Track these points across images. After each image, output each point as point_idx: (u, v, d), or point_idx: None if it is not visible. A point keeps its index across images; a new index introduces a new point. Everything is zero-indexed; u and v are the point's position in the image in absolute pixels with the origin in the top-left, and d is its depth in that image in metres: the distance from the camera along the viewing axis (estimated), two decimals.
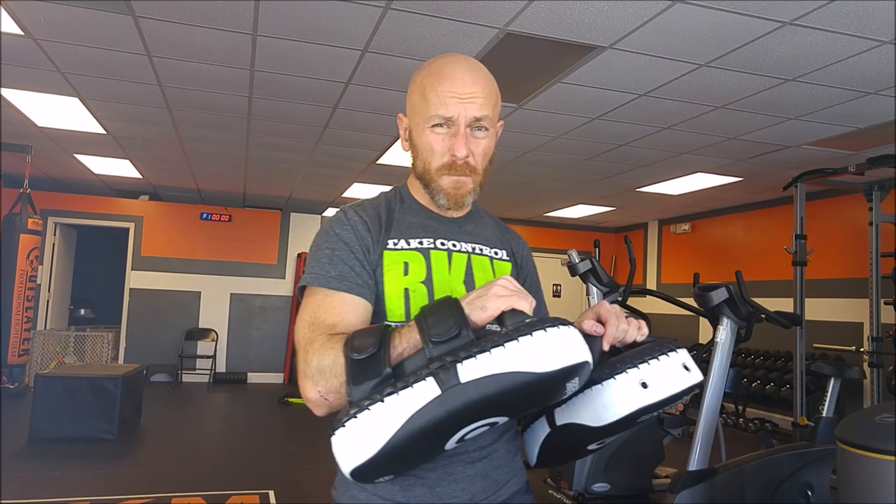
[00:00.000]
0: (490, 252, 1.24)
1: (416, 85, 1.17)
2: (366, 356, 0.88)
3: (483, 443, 1.12)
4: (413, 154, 1.19)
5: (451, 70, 1.13)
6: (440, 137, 1.13)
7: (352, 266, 1.10)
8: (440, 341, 0.86)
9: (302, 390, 0.99)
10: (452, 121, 1.11)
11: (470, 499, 1.09)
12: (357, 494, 1.08)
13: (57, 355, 7.86)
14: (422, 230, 1.18)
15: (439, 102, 1.10)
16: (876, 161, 4.51)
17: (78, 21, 3.22)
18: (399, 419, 0.82)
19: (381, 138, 5.24)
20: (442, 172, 1.14)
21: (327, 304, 1.06)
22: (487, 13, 2.93)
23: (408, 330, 0.92)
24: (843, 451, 2.11)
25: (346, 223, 1.14)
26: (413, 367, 0.87)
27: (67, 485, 4.11)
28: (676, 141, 4.89)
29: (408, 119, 1.21)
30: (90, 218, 8.76)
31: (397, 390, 0.83)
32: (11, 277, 6.07)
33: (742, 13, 2.80)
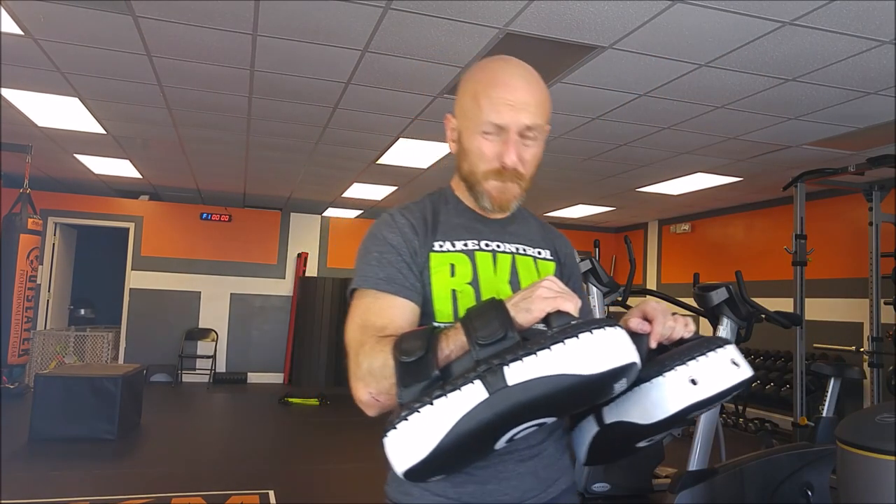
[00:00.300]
0: (534, 252, 1.25)
1: (469, 87, 1.16)
2: (414, 359, 0.90)
3: (533, 441, 1.13)
4: (460, 156, 1.19)
5: (505, 76, 1.13)
6: (490, 143, 1.13)
7: (399, 269, 1.12)
8: (486, 343, 0.87)
9: (353, 392, 1.01)
10: (504, 128, 1.11)
11: (520, 497, 1.11)
12: (410, 490, 1.10)
13: (57, 355, 7.86)
14: (466, 232, 1.19)
15: (492, 109, 1.10)
16: (876, 161, 4.52)
17: (78, 21, 3.22)
18: (448, 422, 0.83)
19: (381, 138, 5.24)
20: (489, 176, 1.14)
21: (377, 307, 1.08)
22: (487, 13, 2.93)
23: (454, 332, 0.93)
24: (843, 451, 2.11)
25: (393, 226, 1.17)
26: (460, 369, 0.88)
27: (67, 485, 4.11)
28: (676, 141, 4.89)
29: (457, 121, 1.19)
30: (90, 218, 8.76)
31: (446, 393, 0.84)
32: (11, 277, 6.07)
33: (742, 13, 2.80)
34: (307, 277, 9.28)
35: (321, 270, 9.50)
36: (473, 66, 1.19)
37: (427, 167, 6.20)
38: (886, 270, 5.00)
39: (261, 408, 7.44)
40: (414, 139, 5.20)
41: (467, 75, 1.19)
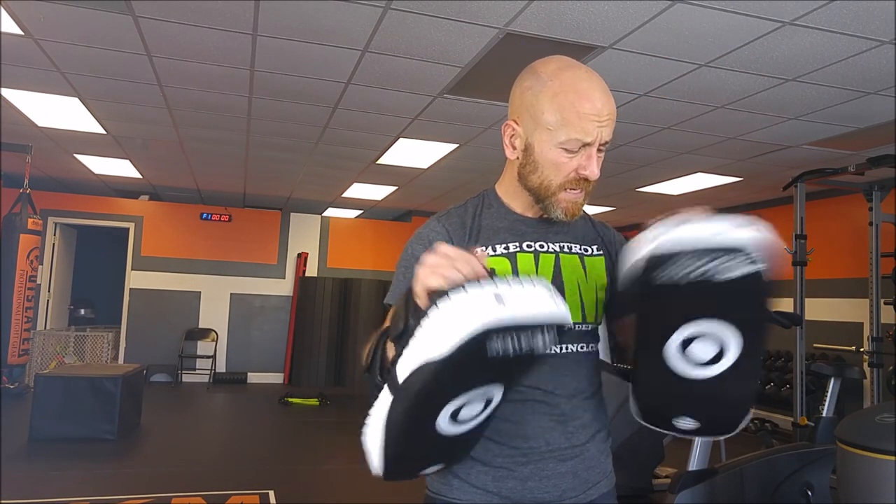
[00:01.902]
0: (579, 249, 1.23)
1: (546, 97, 1.11)
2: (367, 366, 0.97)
3: (576, 441, 1.14)
4: (528, 167, 1.15)
5: (588, 89, 1.10)
6: (570, 156, 1.11)
7: None
8: (396, 339, 0.91)
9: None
10: (589, 144, 1.10)
11: (560, 496, 1.12)
12: (451, 481, 1.12)
13: (57, 355, 7.86)
14: (508, 235, 1.19)
15: (579, 125, 1.08)
16: (876, 161, 4.51)
17: (78, 21, 3.22)
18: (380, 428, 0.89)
19: (381, 138, 5.24)
20: (564, 188, 1.13)
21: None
22: (487, 13, 2.93)
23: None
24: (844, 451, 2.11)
25: (422, 239, 1.18)
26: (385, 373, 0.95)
27: (67, 485, 4.11)
28: (676, 141, 4.89)
29: (523, 129, 1.15)
30: (90, 218, 8.76)
31: (372, 403, 0.92)
32: (11, 277, 6.07)
33: (742, 13, 2.80)
34: (307, 277, 9.28)
35: (321, 270, 9.50)
36: (540, 71, 1.15)
37: (427, 167, 6.20)
38: (886, 270, 5.00)
39: (261, 408, 7.44)
40: (414, 139, 5.20)
41: (536, 83, 1.13)
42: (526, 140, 1.15)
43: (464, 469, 1.11)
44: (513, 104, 1.18)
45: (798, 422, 4.64)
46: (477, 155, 5.54)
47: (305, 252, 9.51)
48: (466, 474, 1.11)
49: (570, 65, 1.14)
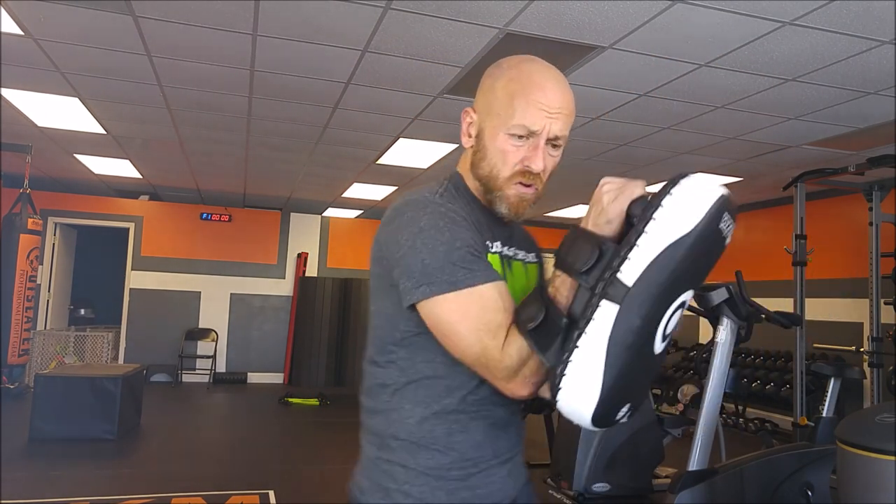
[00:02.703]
0: (524, 255, 1.23)
1: (501, 85, 1.11)
2: (539, 322, 0.91)
3: (513, 444, 1.17)
4: (478, 154, 1.14)
5: (542, 79, 1.10)
6: (516, 147, 1.09)
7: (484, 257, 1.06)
8: (589, 269, 0.89)
9: (513, 393, 1.00)
10: (535, 133, 1.08)
11: (502, 497, 1.15)
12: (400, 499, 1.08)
13: (57, 355, 7.86)
14: (490, 231, 1.15)
15: (527, 112, 1.07)
16: (876, 161, 4.52)
17: (78, 21, 3.22)
18: (600, 350, 0.85)
19: (381, 138, 5.24)
20: (512, 181, 1.11)
21: (485, 302, 1.01)
22: (487, 13, 2.93)
23: (558, 279, 0.95)
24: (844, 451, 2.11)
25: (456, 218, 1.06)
26: (582, 304, 0.90)
27: (67, 485, 4.11)
28: (676, 141, 4.89)
29: (478, 116, 1.14)
30: (90, 218, 8.76)
31: (583, 330, 0.86)
32: (11, 277, 6.07)
33: (742, 13, 2.80)
34: (307, 277, 9.28)
35: (321, 270, 9.50)
36: (503, 63, 1.15)
37: (427, 167, 6.20)
38: (886, 270, 5.00)
39: (261, 408, 7.44)
40: (414, 139, 5.20)
41: (497, 72, 1.14)
42: (479, 126, 1.14)
43: (417, 487, 1.07)
44: (476, 95, 1.18)
45: (798, 422, 4.64)
46: None
47: (305, 252, 9.51)
48: (420, 492, 1.07)
49: (532, 60, 1.14)
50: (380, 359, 1.14)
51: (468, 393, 1.09)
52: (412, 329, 1.08)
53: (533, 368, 0.96)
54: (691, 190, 0.87)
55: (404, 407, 1.10)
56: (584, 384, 0.85)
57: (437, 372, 1.09)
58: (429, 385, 1.09)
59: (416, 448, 1.08)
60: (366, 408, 1.16)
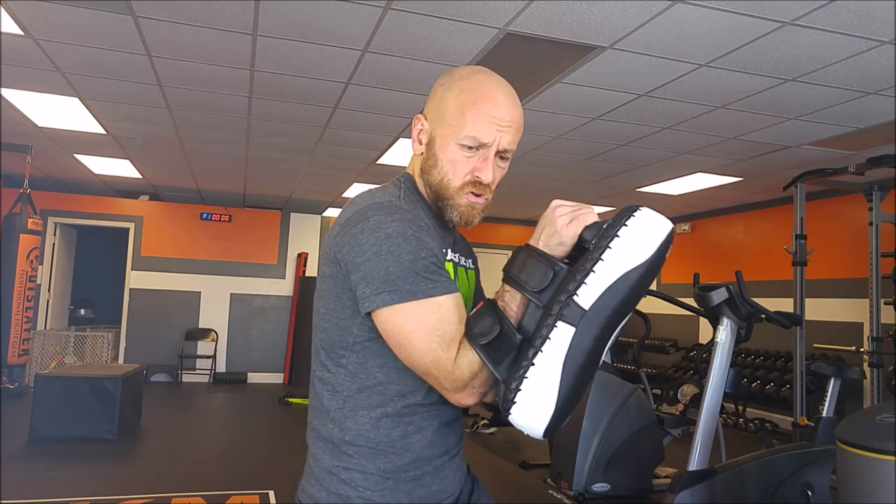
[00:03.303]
0: (466, 262, 1.26)
1: (452, 95, 1.12)
2: (494, 336, 0.94)
3: (459, 440, 1.21)
4: (429, 162, 1.15)
5: (494, 92, 1.11)
6: (466, 157, 1.11)
7: (441, 266, 1.07)
8: (544, 289, 0.94)
9: (460, 402, 1.04)
10: (485, 145, 1.10)
11: (455, 491, 1.18)
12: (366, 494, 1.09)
13: (57, 355, 7.86)
14: (441, 238, 1.16)
15: (478, 124, 1.08)
16: (876, 161, 4.51)
17: (78, 21, 3.22)
18: (556, 369, 0.89)
19: (381, 138, 5.24)
20: (463, 191, 1.12)
21: (441, 313, 1.01)
22: (487, 13, 2.93)
23: (508, 295, 0.99)
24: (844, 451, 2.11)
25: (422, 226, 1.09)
26: (534, 321, 0.95)
27: (67, 485, 4.11)
28: (676, 141, 4.89)
29: (430, 124, 1.15)
30: (90, 218, 8.76)
31: (539, 348, 0.90)
32: (11, 277, 6.07)
33: (742, 13, 2.80)
34: (307, 277, 9.28)
35: None
36: (455, 73, 1.15)
37: None
38: (886, 270, 5.00)
39: (261, 408, 7.44)
40: None
41: (448, 81, 1.15)
42: (430, 134, 1.15)
43: (378, 493, 1.07)
44: (427, 101, 1.18)
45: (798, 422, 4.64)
46: None
47: (305, 252, 9.51)
48: (382, 496, 1.07)
49: (484, 71, 1.15)
50: (328, 363, 1.12)
51: (422, 396, 1.10)
52: (365, 334, 1.08)
53: (482, 380, 0.99)
54: (647, 222, 0.94)
55: (359, 413, 1.09)
56: (539, 400, 0.89)
57: (389, 377, 1.09)
58: (381, 390, 1.09)
59: (374, 452, 1.08)
60: (316, 413, 1.15)
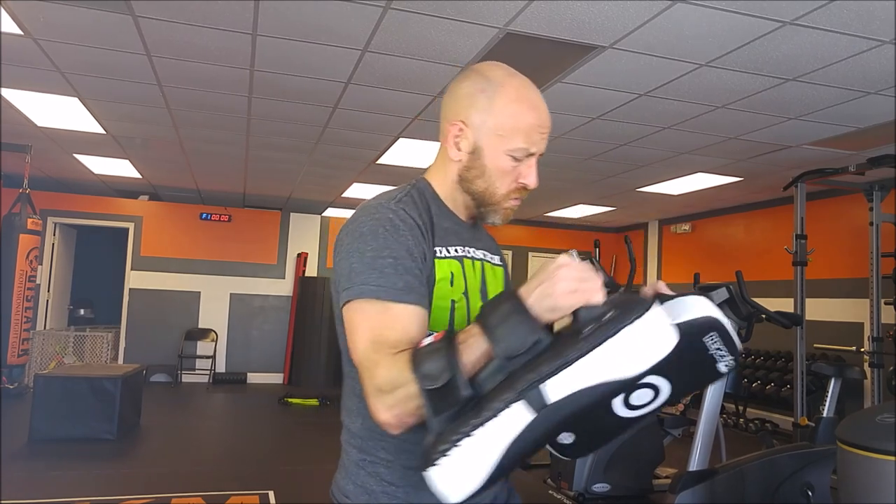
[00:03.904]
0: (491, 258, 1.26)
1: (500, 105, 1.11)
2: (440, 388, 0.84)
3: None
4: (473, 171, 1.14)
5: (536, 99, 1.13)
6: (513, 166, 1.13)
7: (415, 275, 1.04)
8: (516, 355, 0.82)
9: (373, 413, 0.94)
10: (532, 154, 1.13)
11: (493, 499, 1.15)
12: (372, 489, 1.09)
13: (56, 355, 7.86)
14: (454, 237, 1.17)
15: (529, 135, 1.11)
16: (876, 161, 4.51)
17: (78, 21, 3.22)
18: (496, 450, 0.80)
19: (381, 138, 5.24)
20: (509, 197, 1.15)
21: (389, 319, 0.99)
22: (487, 13, 2.93)
23: (474, 339, 0.87)
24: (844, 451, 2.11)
25: (402, 227, 1.06)
26: (490, 380, 0.84)
27: (67, 485, 4.11)
28: (676, 141, 4.89)
29: (472, 130, 1.12)
30: (90, 218, 8.76)
31: (483, 422, 0.79)
32: (11, 277, 6.07)
33: (742, 13, 2.80)
34: (307, 277, 9.28)
35: (321, 270, 9.50)
36: (490, 76, 1.13)
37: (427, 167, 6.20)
38: (887, 270, 4.99)
39: (261, 408, 7.44)
40: (414, 139, 5.20)
41: (487, 87, 1.12)
42: (474, 143, 1.13)
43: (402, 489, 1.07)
44: (458, 104, 1.15)
45: (798, 422, 4.64)
46: None
47: (305, 252, 9.51)
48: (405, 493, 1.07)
49: (515, 73, 1.16)
50: (345, 362, 1.13)
51: None
52: None
53: (399, 400, 0.90)
54: (653, 331, 0.79)
55: None
56: (464, 474, 0.79)
57: None
58: None
59: (397, 448, 1.08)
60: (345, 409, 1.16)
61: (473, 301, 1.14)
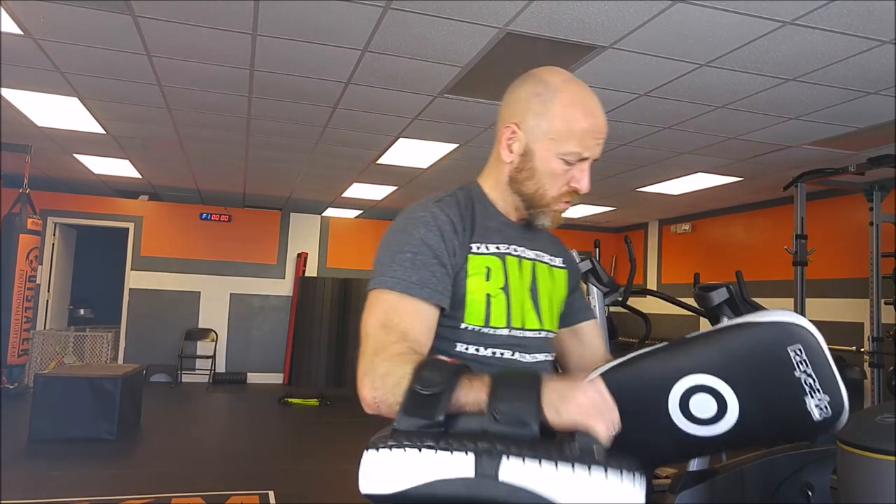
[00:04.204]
0: (549, 259, 1.28)
1: (555, 110, 1.14)
2: (427, 394, 0.87)
3: None
4: (524, 173, 1.18)
5: (593, 105, 1.15)
6: (564, 170, 1.15)
7: (433, 272, 1.09)
8: (502, 421, 0.84)
9: (359, 387, 1.00)
10: (585, 159, 1.15)
11: None
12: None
13: (56, 355, 7.86)
14: (498, 235, 1.20)
15: (583, 140, 1.12)
16: (876, 161, 4.51)
17: (78, 21, 3.22)
18: (421, 477, 0.81)
19: (381, 138, 5.23)
20: (559, 200, 1.17)
21: (402, 309, 1.06)
22: (487, 13, 2.93)
23: (478, 385, 0.89)
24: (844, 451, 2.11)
25: (431, 224, 1.12)
26: (466, 426, 0.85)
27: (67, 485, 4.11)
28: (676, 141, 4.89)
29: (525, 134, 1.16)
30: (90, 218, 8.76)
31: (436, 448, 0.81)
32: (11, 277, 6.07)
33: (742, 13, 2.80)
34: (307, 277, 9.28)
35: (321, 270, 9.50)
36: (548, 82, 1.16)
37: (427, 167, 6.20)
38: (887, 270, 4.99)
39: (261, 408, 7.44)
40: (414, 139, 5.19)
41: (544, 92, 1.15)
42: (526, 146, 1.16)
43: None
44: (513, 107, 1.18)
45: None
46: (477, 155, 5.54)
47: (305, 252, 9.51)
48: None
49: (573, 78, 1.18)
50: None
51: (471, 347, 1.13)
52: None
53: (389, 401, 0.94)
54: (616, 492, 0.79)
55: None
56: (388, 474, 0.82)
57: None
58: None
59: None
60: None
61: (516, 297, 1.16)
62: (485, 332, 1.14)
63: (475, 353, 1.14)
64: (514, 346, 1.16)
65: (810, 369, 0.86)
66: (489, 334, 1.14)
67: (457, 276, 1.12)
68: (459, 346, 1.14)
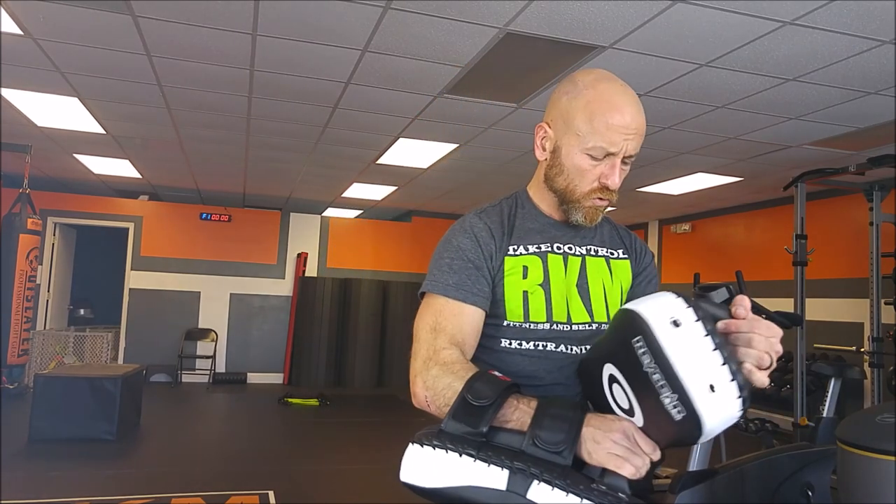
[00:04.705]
0: (605, 252, 1.29)
1: (579, 105, 1.16)
2: (476, 405, 0.93)
3: None
4: (554, 169, 1.22)
5: (621, 101, 1.15)
6: (594, 164, 1.17)
7: (468, 275, 1.18)
8: (540, 446, 0.89)
9: (412, 384, 1.10)
10: (613, 154, 1.15)
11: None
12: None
13: (56, 355, 7.86)
14: (539, 236, 1.25)
15: (607, 135, 1.13)
16: (876, 161, 4.51)
17: (78, 21, 3.22)
18: (456, 479, 0.88)
19: (381, 138, 5.23)
20: (590, 196, 1.19)
21: (448, 312, 1.16)
22: (487, 13, 2.93)
23: (526, 407, 0.95)
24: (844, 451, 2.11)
25: (467, 231, 1.22)
26: (507, 441, 0.92)
27: (67, 485, 4.11)
28: (676, 141, 4.89)
29: (554, 132, 1.21)
30: (90, 218, 8.75)
31: (475, 456, 0.88)
32: (11, 277, 6.06)
33: (742, 13, 2.80)
34: (307, 277, 9.27)
35: (321, 270, 9.50)
36: (578, 81, 1.19)
37: (427, 167, 6.20)
38: (887, 270, 4.99)
39: (260, 408, 7.44)
40: (414, 139, 5.19)
41: (573, 89, 1.18)
42: (555, 143, 1.21)
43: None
44: (549, 108, 1.23)
45: (798, 422, 4.64)
46: (477, 155, 5.54)
47: (305, 252, 9.51)
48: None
49: (608, 77, 1.19)
50: None
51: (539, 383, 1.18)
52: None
53: (439, 403, 1.03)
54: None
55: None
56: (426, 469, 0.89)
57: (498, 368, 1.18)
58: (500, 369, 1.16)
59: None
60: None
61: (557, 292, 1.21)
62: (526, 328, 1.19)
63: (518, 348, 1.19)
64: (558, 339, 1.20)
65: (654, 363, 0.84)
66: (530, 329, 1.19)
67: (495, 277, 1.20)
68: (504, 341, 1.20)
